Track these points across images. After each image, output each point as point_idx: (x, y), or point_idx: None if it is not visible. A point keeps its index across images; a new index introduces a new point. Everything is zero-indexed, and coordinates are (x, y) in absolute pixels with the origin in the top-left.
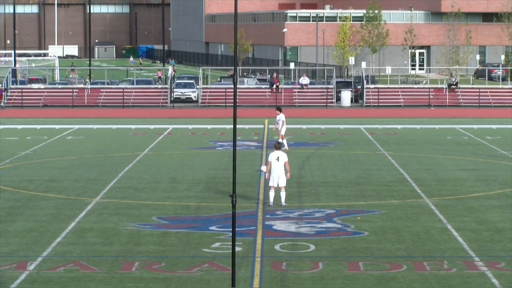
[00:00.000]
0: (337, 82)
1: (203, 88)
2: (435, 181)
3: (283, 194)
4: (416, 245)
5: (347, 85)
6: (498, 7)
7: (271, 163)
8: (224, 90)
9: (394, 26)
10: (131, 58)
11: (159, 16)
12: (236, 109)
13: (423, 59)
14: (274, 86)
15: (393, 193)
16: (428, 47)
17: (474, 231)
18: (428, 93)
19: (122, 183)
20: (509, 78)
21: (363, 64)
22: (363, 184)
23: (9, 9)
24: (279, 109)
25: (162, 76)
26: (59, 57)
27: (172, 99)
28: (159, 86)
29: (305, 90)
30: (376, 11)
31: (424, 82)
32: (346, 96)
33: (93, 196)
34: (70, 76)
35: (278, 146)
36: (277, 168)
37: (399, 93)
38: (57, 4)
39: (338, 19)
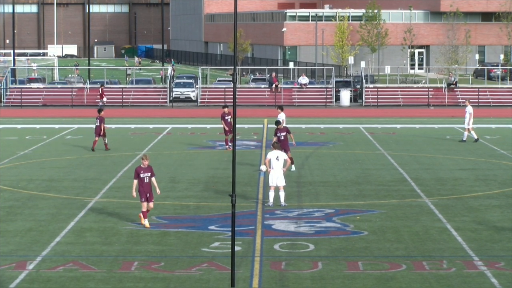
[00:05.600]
0: (336, 82)
1: (202, 88)
2: (434, 181)
3: (282, 194)
4: (415, 244)
5: (346, 84)
6: (497, 7)
7: (270, 160)
8: (223, 89)
9: (393, 25)
10: (136, 58)
11: (158, 15)
12: (236, 108)
13: (422, 58)
14: (274, 85)
15: (392, 192)
16: (427, 47)
17: (473, 230)
18: (427, 93)
19: (122, 183)
20: (508, 77)
21: (362, 64)
22: (363, 183)
23: (8, 8)
24: (280, 107)
25: (165, 75)
26: (58, 56)
27: (171, 98)
28: (159, 86)
29: (304, 89)
30: (376, 11)
31: (424, 81)
32: (345, 95)
33: (92, 196)
34: (70, 75)
35: (277, 145)
36: (276, 168)
37: (398, 92)
38: (57, 3)
39: (337, 19)
